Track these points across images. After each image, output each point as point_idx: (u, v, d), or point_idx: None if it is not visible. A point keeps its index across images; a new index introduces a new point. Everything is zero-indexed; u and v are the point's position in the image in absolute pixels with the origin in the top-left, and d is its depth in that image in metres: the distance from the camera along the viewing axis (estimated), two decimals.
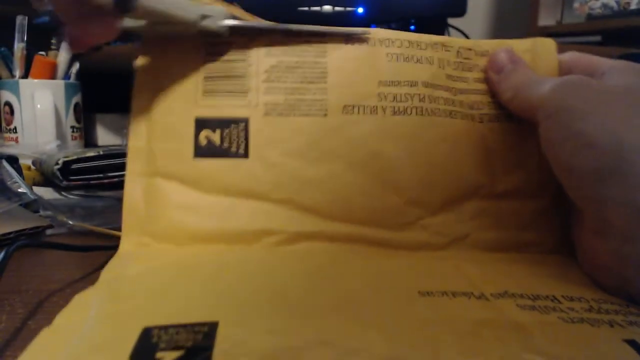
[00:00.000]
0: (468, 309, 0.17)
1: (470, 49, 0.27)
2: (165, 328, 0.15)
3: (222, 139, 0.25)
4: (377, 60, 0.26)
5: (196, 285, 0.19)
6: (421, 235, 0.25)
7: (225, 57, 0.26)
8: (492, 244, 0.25)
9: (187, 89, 0.25)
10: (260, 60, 0.25)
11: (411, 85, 0.25)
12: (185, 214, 0.24)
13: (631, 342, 0.15)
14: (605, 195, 0.19)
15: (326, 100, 0.25)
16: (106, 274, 0.21)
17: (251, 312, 0.16)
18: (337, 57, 0.26)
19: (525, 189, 0.25)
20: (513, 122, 0.26)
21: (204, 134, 0.25)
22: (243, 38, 0.26)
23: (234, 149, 0.25)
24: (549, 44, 0.27)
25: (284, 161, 0.25)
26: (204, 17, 0.24)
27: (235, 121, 0.25)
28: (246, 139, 0.25)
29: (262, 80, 0.25)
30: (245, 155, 0.25)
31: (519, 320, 0.16)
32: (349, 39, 0.26)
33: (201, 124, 0.25)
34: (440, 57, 0.26)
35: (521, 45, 0.27)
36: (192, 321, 0.15)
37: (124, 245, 0.24)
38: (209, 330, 0.14)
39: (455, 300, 0.17)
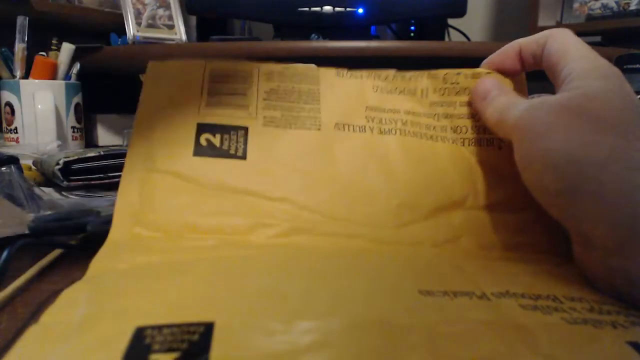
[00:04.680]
0: (470, 309, 0.17)
1: (458, 74, 0.28)
2: (159, 328, 0.14)
3: (221, 142, 0.26)
4: (364, 90, 0.28)
5: (189, 281, 0.18)
6: (415, 236, 0.25)
7: (229, 80, 0.28)
8: (485, 244, 0.25)
9: (191, 103, 0.27)
10: (261, 84, 0.28)
11: (394, 112, 0.28)
12: (179, 205, 0.25)
13: (634, 345, 0.15)
14: (577, 213, 0.20)
15: (319, 118, 0.28)
16: (95, 267, 0.20)
17: (248, 311, 0.16)
18: (328, 85, 0.28)
19: (508, 205, 0.26)
20: (493, 147, 0.27)
21: (204, 136, 0.26)
22: (246, 67, 0.28)
23: (232, 150, 0.26)
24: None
25: (280, 165, 0.26)
26: None
27: (235, 128, 0.27)
28: (245, 143, 0.26)
29: (261, 99, 0.28)
30: (244, 157, 0.26)
31: (522, 322, 0.16)
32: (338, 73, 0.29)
33: (202, 128, 0.26)
34: (424, 86, 0.28)
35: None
36: (186, 320, 0.14)
37: (114, 235, 0.24)
38: (204, 331, 0.14)
39: (456, 300, 0.17)
